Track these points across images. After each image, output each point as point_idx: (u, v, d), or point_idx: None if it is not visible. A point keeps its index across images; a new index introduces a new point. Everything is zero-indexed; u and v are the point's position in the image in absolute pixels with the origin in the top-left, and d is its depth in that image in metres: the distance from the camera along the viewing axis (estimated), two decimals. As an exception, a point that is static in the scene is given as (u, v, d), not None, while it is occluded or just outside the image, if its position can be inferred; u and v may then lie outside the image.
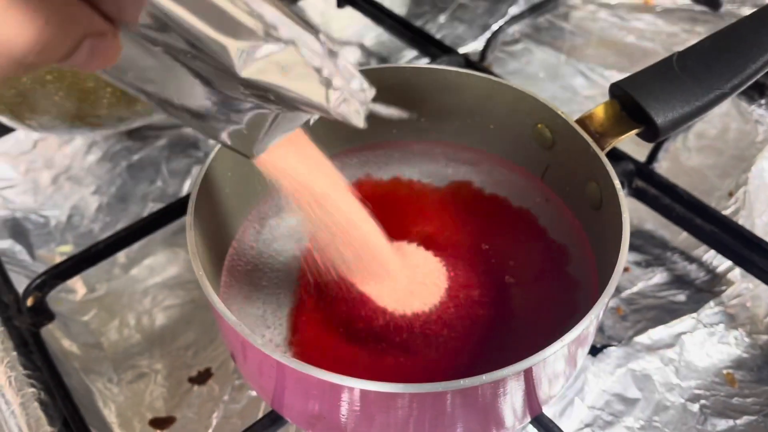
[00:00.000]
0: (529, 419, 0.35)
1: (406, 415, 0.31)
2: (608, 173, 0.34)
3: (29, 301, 0.43)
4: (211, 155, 0.36)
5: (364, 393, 0.29)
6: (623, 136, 0.36)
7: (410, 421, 0.31)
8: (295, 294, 0.39)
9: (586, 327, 0.29)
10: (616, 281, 0.30)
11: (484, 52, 0.61)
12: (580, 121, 0.37)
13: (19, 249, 0.52)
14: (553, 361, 0.30)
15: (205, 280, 0.30)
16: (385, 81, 0.42)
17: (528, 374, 0.30)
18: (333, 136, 0.43)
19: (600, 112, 0.37)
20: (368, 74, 0.41)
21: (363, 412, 0.31)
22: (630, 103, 0.36)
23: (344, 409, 0.31)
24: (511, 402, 0.32)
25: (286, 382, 0.32)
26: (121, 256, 0.50)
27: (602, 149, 0.36)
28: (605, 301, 0.30)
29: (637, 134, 0.36)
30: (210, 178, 0.36)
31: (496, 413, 0.32)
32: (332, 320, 0.37)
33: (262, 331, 0.37)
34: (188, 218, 0.33)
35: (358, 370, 0.35)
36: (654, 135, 0.35)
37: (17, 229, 0.53)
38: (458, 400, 0.30)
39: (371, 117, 0.43)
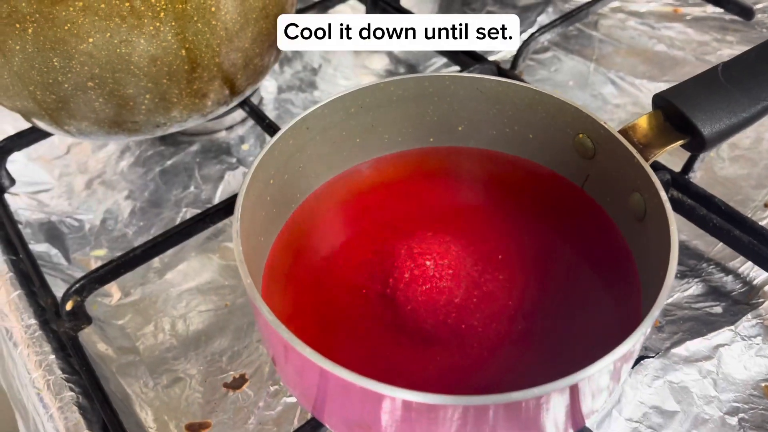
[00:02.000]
0: (572, 432, 0.35)
1: (449, 426, 0.31)
2: (653, 184, 0.34)
3: (68, 305, 0.43)
4: (255, 163, 0.36)
5: (407, 403, 0.29)
6: (668, 147, 0.36)
7: (453, 429, 0.31)
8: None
9: (634, 344, 0.29)
10: (665, 297, 0.30)
11: (515, 61, 0.61)
12: (623, 132, 0.37)
13: (54, 252, 0.52)
14: (599, 377, 0.30)
15: (254, 288, 0.30)
16: (425, 89, 0.42)
17: (574, 389, 0.30)
18: (367, 144, 0.44)
19: (643, 123, 0.37)
20: (407, 83, 0.42)
21: (405, 421, 0.31)
22: (674, 114, 0.36)
23: (386, 418, 0.31)
24: (555, 416, 0.32)
25: (329, 390, 0.32)
26: (156, 260, 0.51)
27: (647, 160, 0.35)
28: (654, 315, 0.29)
29: (682, 145, 0.36)
30: (253, 185, 0.36)
31: (539, 427, 0.32)
32: (372, 321, 0.37)
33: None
34: (235, 224, 0.33)
35: (399, 374, 0.35)
36: (700, 146, 0.35)
37: (53, 233, 0.54)
38: (503, 413, 0.30)
39: (410, 122, 0.44)
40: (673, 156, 0.45)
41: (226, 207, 0.48)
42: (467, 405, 0.28)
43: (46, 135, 0.57)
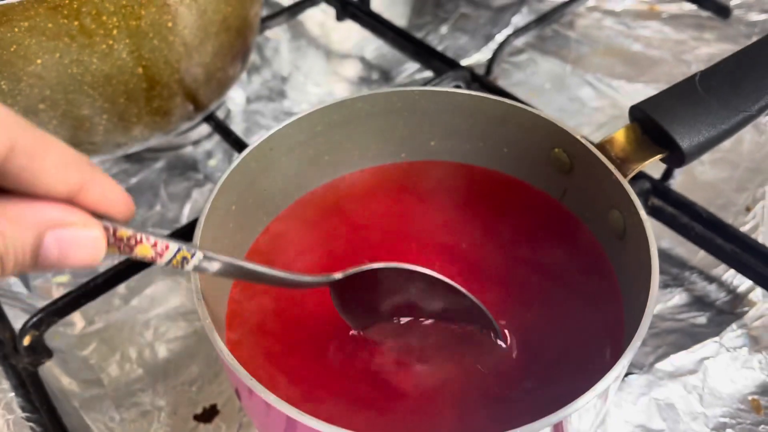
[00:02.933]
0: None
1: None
2: (632, 202, 0.33)
3: (26, 340, 0.41)
4: (214, 192, 0.34)
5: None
6: (646, 162, 0.34)
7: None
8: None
9: (619, 372, 0.28)
10: (647, 325, 0.28)
11: (490, 65, 0.59)
12: (600, 146, 0.35)
13: (13, 281, 0.50)
14: (584, 411, 0.29)
15: (213, 331, 0.28)
16: (393, 104, 0.40)
17: (558, 427, 0.28)
18: (336, 161, 0.42)
19: (621, 137, 0.35)
20: (376, 98, 0.40)
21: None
22: (652, 127, 0.34)
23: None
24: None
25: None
26: (121, 286, 0.48)
27: (625, 176, 0.34)
28: (637, 344, 0.28)
29: (661, 159, 0.34)
30: (213, 214, 0.34)
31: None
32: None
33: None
34: (194, 283, 0.31)
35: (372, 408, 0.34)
36: (679, 161, 0.34)
37: (12, 260, 0.51)
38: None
39: (380, 138, 0.42)
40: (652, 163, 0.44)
41: (194, 227, 0.46)
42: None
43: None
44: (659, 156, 0.34)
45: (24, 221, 0.20)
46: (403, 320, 0.36)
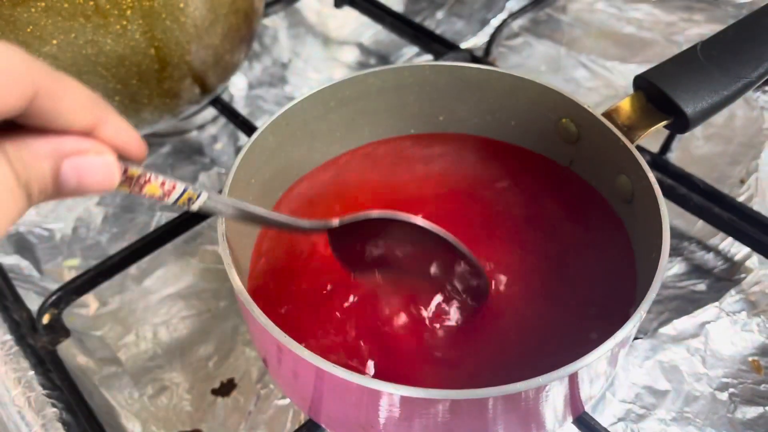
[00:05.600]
0: (571, 419, 0.34)
1: (447, 420, 0.30)
2: (641, 166, 0.34)
3: (45, 319, 0.42)
4: (237, 163, 0.35)
5: (405, 399, 0.28)
6: (652, 128, 0.36)
7: (451, 425, 0.31)
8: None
9: (632, 328, 0.29)
10: (660, 279, 0.30)
11: (488, 48, 0.60)
12: (606, 115, 0.37)
13: (25, 264, 0.50)
14: (597, 364, 0.30)
15: (245, 292, 0.29)
16: (404, 79, 0.41)
17: (573, 378, 0.29)
18: (347, 136, 0.43)
19: (626, 105, 0.37)
20: (386, 74, 0.41)
21: (404, 418, 0.30)
22: (656, 95, 0.36)
23: (386, 415, 0.30)
24: (555, 405, 0.31)
25: (325, 390, 0.32)
26: (133, 267, 0.49)
27: (631, 142, 0.35)
28: (651, 298, 0.29)
29: (665, 126, 0.36)
30: (235, 186, 0.35)
31: (538, 416, 0.32)
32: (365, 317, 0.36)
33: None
34: (220, 228, 0.32)
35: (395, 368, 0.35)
36: (683, 126, 0.35)
37: (22, 244, 0.52)
38: (502, 406, 0.30)
39: (391, 113, 0.43)
40: (650, 137, 0.45)
41: (204, 209, 0.47)
42: (466, 399, 0.28)
43: (9, 143, 0.55)
44: (664, 122, 0.36)
45: (43, 152, 0.21)
46: (398, 270, 0.37)
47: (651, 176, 0.33)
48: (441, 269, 0.37)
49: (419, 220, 0.34)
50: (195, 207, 0.28)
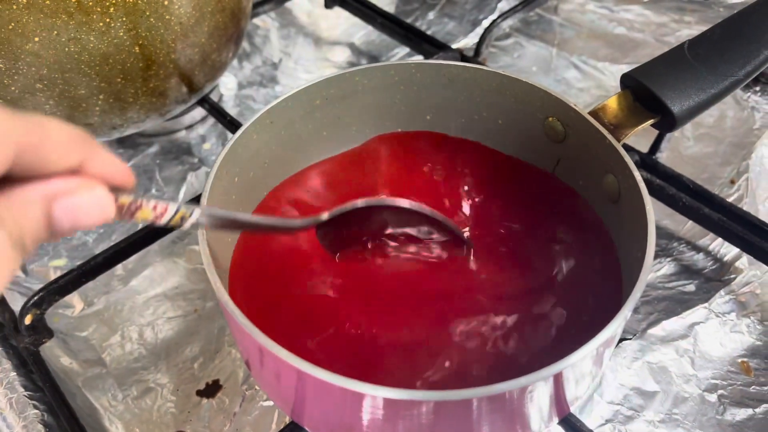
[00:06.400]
0: (557, 420, 0.34)
1: (431, 420, 0.30)
2: (627, 165, 0.34)
3: (27, 319, 0.41)
4: (218, 161, 0.34)
5: (388, 401, 0.28)
6: (639, 127, 0.35)
7: (435, 426, 0.30)
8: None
9: (616, 328, 0.29)
10: (645, 277, 0.29)
11: (478, 48, 0.60)
12: (593, 113, 0.36)
13: (10, 265, 0.50)
14: (582, 364, 0.30)
15: (224, 292, 0.29)
16: (390, 78, 0.41)
17: (558, 378, 0.29)
18: (333, 136, 0.43)
19: (613, 104, 0.36)
20: (373, 72, 0.41)
21: (387, 419, 0.30)
22: (644, 93, 0.36)
23: (368, 417, 0.30)
24: (540, 405, 0.31)
25: (307, 392, 0.31)
26: (119, 267, 0.49)
27: (618, 141, 0.35)
28: (636, 297, 0.29)
29: (653, 124, 0.36)
30: (217, 184, 0.35)
31: (523, 417, 0.31)
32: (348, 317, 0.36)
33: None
34: (201, 233, 0.31)
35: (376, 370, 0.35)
36: (670, 125, 0.35)
37: (7, 244, 0.51)
38: (487, 406, 0.29)
39: (378, 112, 0.43)
40: (639, 137, 0.45)
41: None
42: (450, 400, 0.27)
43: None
44: (651, 121, 0.35)
45: (31, 200, 0.21)
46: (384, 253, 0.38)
47: (637, 174, 0.33)
48: (423, 236, 0.38)
49: (404, 202, 0.35)
50: (188, 225, 0.27)
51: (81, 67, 0.41)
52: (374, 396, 0.28)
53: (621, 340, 0.43)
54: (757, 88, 0.59)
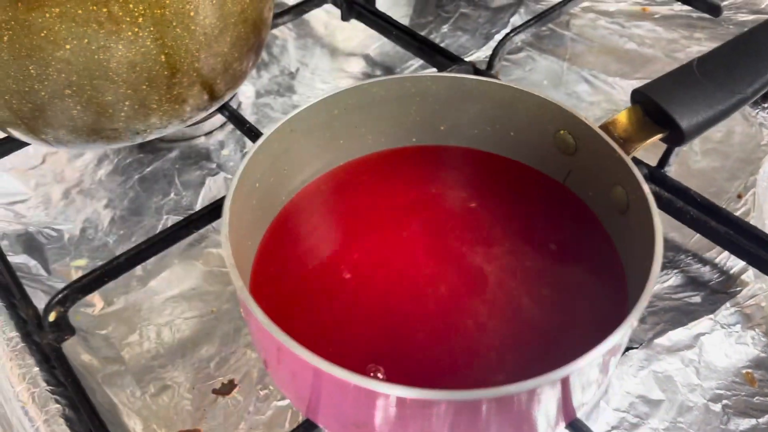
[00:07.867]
0: (563, 424, 0.35)
1: (443, 422, 0.31)
2: (635, 178, 0.35)
3: (51, 316, 0.43)
4: (242, 166, 0.36)
5: (401, 400, 0.29)
6: (648, 141, 0.36)
7: (446, 425, 0.31)
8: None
9: (623, 336, 0.30)
10: (651, 287, 0.30)
11: (491, 61, 0.61)
12: (603, 127, 0.37)
13: (33, 264, 0.51)
14: (589, 369, 0.31)
15: (245, 290, 0.30)
16: (407, 90, 0.43)
17: (565, 382, 0.30)
18: (350, 145, 0.44)
19: (623, 118, 0.37)
20: (390, 84, 0.42)
21: (400, 418, 0.31)
22: (653, 108, 0.37)
23: (381, 416, 0.31)
24: (547, 409, 0.32)
25: (323, 389, 0.32)
26: (138, 268, 0.50)
27: (627, 154, 0.36)
28: (642, 306, 0.30)
29: (661, 139, 0.37)
30: (240, 189, 0.36)
31: (532, 420, 0.32)
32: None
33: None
34: (223, 230, 0.33)
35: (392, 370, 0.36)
36: (678, 139, 0.36)
37: (31, 244, 0.53)
38: (496, 408, 0.30)
39: (393, 123, 0.44)
40: (648, 151, 0.46)
41: (209, 213, 0.48)
42: (461, 400, 0.29)
43: (20, 145, 0.56)
44: (660, 135, 0.36)
45: None
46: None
47: (645, 187, 0.34)
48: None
49: None
50: None
51: (109, 75, 0.43)
52: (387, 395, 0.29)
53: (627, 349, 0.44)
54: (766, 105, 0.60)
